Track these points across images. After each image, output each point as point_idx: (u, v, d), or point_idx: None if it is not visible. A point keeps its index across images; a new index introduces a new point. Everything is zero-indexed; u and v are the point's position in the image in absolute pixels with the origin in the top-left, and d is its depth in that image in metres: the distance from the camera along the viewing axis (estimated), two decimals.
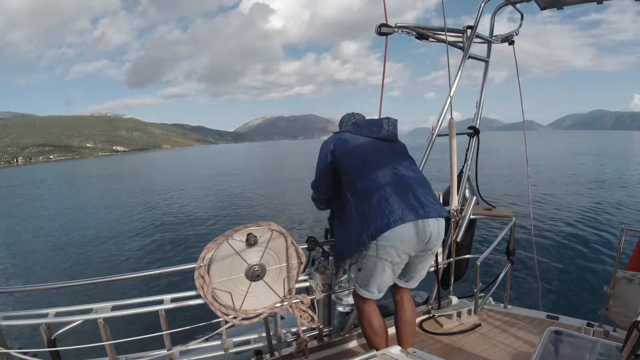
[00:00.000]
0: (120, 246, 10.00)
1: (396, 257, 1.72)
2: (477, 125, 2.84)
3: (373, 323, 1.92)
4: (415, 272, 1.92)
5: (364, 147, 1.90)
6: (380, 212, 1.67)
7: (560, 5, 2.88)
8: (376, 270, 1.76)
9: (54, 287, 1.82)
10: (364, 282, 1.85)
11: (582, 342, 1.58)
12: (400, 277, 1.94)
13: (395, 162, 1.86)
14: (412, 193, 1.74)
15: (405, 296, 2.02)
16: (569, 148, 51.34)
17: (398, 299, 2.03)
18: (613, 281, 2.27)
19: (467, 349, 2.34)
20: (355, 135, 1.95)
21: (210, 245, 1.63)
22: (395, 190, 1.72)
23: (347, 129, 2.03)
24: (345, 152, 1.89)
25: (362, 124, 2.02)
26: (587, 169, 21.91)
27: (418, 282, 1.99)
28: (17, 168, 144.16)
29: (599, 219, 9.74)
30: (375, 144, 1.93)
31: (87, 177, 37.88)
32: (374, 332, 1.92)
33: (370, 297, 1.87)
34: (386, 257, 1.71)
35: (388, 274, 1.79)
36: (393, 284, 1.93)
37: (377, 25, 2.51)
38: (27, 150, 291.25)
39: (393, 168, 1.82)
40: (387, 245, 1.68)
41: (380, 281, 1.81)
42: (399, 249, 1.70)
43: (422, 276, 1.97)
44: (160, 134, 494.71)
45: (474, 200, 2.70)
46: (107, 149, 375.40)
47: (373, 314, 1.92)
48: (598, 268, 6.48)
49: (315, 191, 2.10)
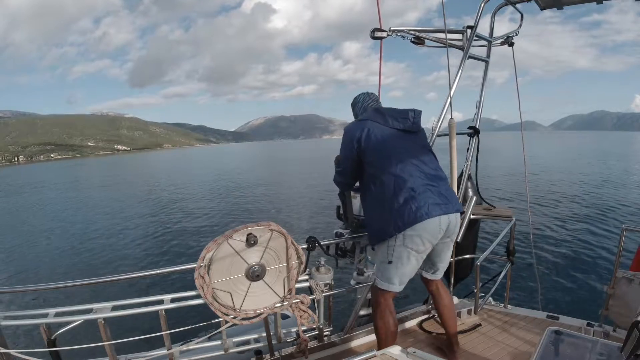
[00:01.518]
0: (120, 246, 10.00)
1: (421, 246, 1.82)
2: (477, 126, 2.84)
3: (388, 320, 1.96)
4: (439, 260, 2.06)
5: (389, 141, 1.91)
6: (408, 208, 1.76)
7: (560, 5, 2.88)
8: (402, 259, 1.84)
9: (54, 287, 1.82)
10: (387, 274, 1.91)
11: (582, 342, 1.58)
12: (427, 270, 2.12)
13: (419, 157, 1.91)
14: (436, 189, 1.83)
15: (439, 284, 2.20)
16: (570, 149, 51.34)
17: (433, 289, 2.21)
18: (613, 281, 2.27)
19: (467, 348, 2.34)
20: (381, 127, 1.94)
21: (210, 245, 1.63)
22: (420, 186, 1.81)
23: (370, 117, 1.99)
24: (370, 145, 1.90)
25: (386, 112, 1.99)
26: (587, 170, 21.91)
27: (443, 272, 2.15)
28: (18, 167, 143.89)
29: (599, 219, 9.75)
30: (401, 138, 1.94)
31: (88, 177, 37.93)
32: (386, 328, 1.96)
33: (391, 289, 1.92)
34: (412, 245, 1.81)
35: (412, 264, 1.88)
36: (424, 278, 2.15)
37: (371, 29, 2.52)
38: (28, 149, 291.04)
39: (417, 163, 1.88)
40: (413, 234, 1.78)
41: (403, 271, 1.88)
42: (424, 238, 1.80)
43: (445, 265, 2.11)
44: (161, 133, 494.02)
45: (475, 200, 2.70)
46: (108, 148, 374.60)
47: (389, 310, 1.97)
48: (598, 268, 6.48)
49: (339, 176, 2.12)
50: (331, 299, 2.18)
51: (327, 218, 11.37)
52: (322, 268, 2.02)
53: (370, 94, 2.20)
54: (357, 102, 2.20)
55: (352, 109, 2.24)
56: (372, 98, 2.17)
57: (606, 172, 20.42)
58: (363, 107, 2.15)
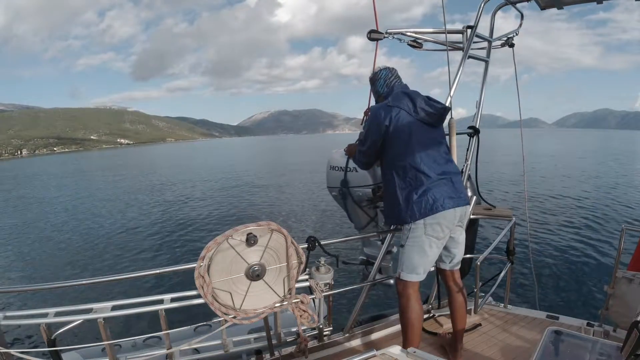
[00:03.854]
0: (119, 246, 9.99)
1: (441, 232, 1.93)
2: (477, 125, 2.83)
3: (417, 310, 1.99)
4: (453, 246, 2.10)
5: (414, 132, 1.94)
6: (425, 199, 1.88)
7: (560, 5, 2.87)
8: (424, 247, 1.94)
9: (54, 287, 1.82)
10: (411, 266, 1.98)
11: (582, 342, 1.58)
12: (444, 260, 2.14)
13: (438, 151, 1.99)
14: (452, 184, 1.95)
15: (457, 278, 2.20)
16: (572, 147, 51.20)
17: (451, 285, 2.20)
18: (613, 281, 2.27)
19: (468, 348, 2.34)
20: (408, 116, 1.95)
21: (211, 244, 1.63)
22: (436, 179, 1.91)
23: (399, 103, 1.96)
24: (397, 134, 1.94)
25: (416, 100, 1.97)
26: (588, 169, 21.89)
27: (460, 261, 2.17)
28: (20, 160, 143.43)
29: (599, 218, 9.75)
30: (425, 130, 1.97)
31: (88, 173, 37.92)
32: (416, 319, 1.99)
33: (417, 279, 1.99)
34: (433, 233, 1.91)
35: (434, 251, 1.98)
36: (442, 271, 2.19)
37: (367, 31, 2.51)
38: (31, 142, 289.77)
39: (435, 157, 1.96)
40: (433, 222, 1.89)
41: (425, 260, 1.97)
42: (443, 225, 1.92)
43: (460, 252, 2.14)
44: (164, 127, 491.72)
45: (474, 200, 2.70)
46: (112, 141, 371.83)
47: (417, 299, 2.01)
48: (598, 268, 6.48)
49: (362, 156, 2.13)
50: (331, 298, 2.18)
51: (327, 218, 11.39)
52: (322, 268, 2.02)
53: (391, 70, 2.15)
54: (379, 78, 2.15)
55: (370, 84, 2.20)
56: (394, 74, 2.13)
57: (607, 171, 20.40)
58: (386, 85, 2.12)
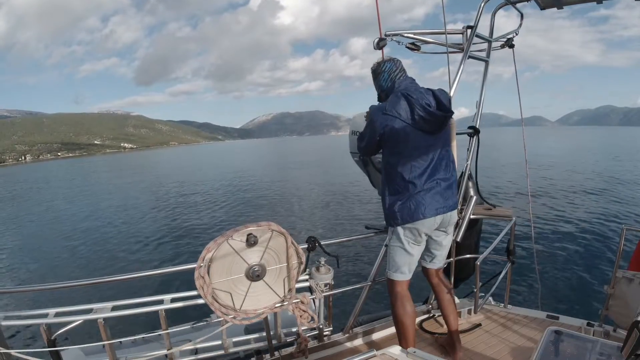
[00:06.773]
0: (119, 246, 10.00)
1: (418, 237, 2.02)
2: (477, 125, 2.83)
3: (407, 307, 2.03)
4: (435, 248, 2.15)
5: (410, 141, 1.90)
6: (407, 207, 1.94)
7: (560, 5, 2.87)
8: (405, 248, 2.02)
9: (54, 287, 1.82)
10: (395, 265, 2.06)
11: (582, 342, 1.58)
12: (425, 258, 2.20)
13: (433, 158, 1.95)
14: (440, 190, 1.96)
15: (440, 276, 2.24)
16: (576, 145, 51.01)
17: (434, 282, 2.25)
18: (613, 281, 2.27)
19: (468, 348, 2.34)
20: (404, 125, 1.87)
21: (211, 245, 1.63)
22: (424, 188, 1.93)
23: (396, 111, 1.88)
24: (391, 141, 1.93)
25: (414, 106, 1.87)
26: (589, 168, 21.83)
27: (442, 262, 2.21)
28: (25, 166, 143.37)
29: (599, 218, 9.74)
30: (422, 139, 1.91)
31: (91, 177, 37.95)
32: (408, 315, 2.02)
33: (403, 278, 2.06)
34: (411, 236, 2.00)
35: (416, 251, 2.05)
36: (425, 269, 2.23)
37: (374, 40, 2.48)
38: (35, 147, 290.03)
39: (429, 165, 1.95)
40: (412, 227, 1.97)
41: (409, 259, 2.05)
42: (420, 231, 1.99)
43: (442, 254, 2.18)
44: (167, 130, 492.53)
45: (475, 200, 2.70)
46: (115, 146, 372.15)
47: (406, 298, 2.06)
48: (598, 268, 6.48)
49: (360, 150, 2.18)
50: (331, 298, 2.18)
51: (327, 218, 11.39)
52: (322, 268, 2.02)
53: (396, 62, 2.02)
54: (382, 72, 2.03)
55: (373, 77, 2.10)
56: (399, 67, 2.01)
57: (608, 170, 20.36)
58: (390, 79, 2.01)
